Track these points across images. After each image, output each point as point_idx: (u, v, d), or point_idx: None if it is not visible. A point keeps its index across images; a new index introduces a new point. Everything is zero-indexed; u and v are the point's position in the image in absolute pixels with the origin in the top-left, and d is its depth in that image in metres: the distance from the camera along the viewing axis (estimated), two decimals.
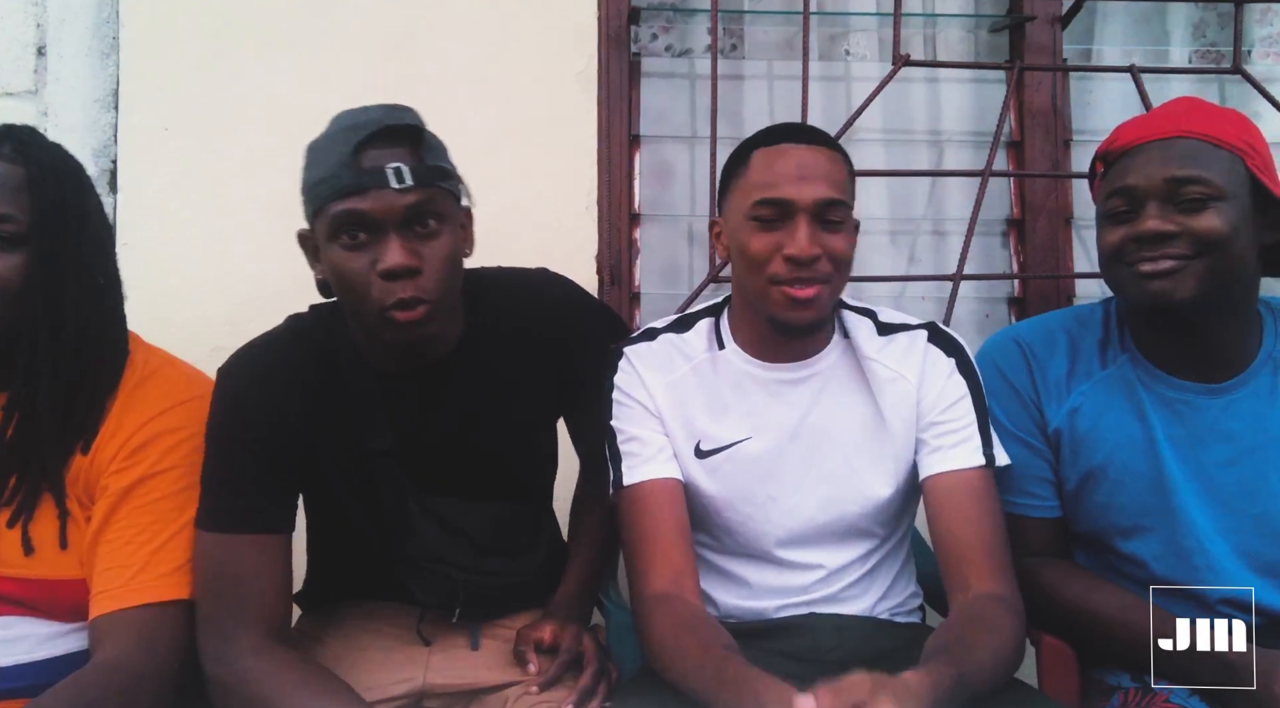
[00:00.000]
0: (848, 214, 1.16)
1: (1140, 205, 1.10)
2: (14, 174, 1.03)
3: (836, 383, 1.22)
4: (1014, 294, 2.02)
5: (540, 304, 1.25)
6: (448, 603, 1.21)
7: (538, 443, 1.30)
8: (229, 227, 1.82)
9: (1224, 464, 1.15)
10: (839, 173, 1.15)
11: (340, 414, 1.12)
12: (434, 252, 1.05)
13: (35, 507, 1.05)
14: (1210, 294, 1.08)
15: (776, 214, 1.13)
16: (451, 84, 1.84)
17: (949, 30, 2.08)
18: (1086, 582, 1.20)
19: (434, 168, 1.06)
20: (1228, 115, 1.13)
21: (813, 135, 1.18)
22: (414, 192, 1.03)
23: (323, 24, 1.84)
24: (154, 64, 1.83)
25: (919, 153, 2.05)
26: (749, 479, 1.21)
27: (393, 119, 1.05)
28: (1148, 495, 1.17)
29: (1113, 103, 2.05)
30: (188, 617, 1.04)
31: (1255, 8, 2.05)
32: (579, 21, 1.88)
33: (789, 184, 1.12)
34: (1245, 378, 1.16)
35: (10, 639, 1.05)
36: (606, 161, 1.89)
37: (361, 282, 1.03)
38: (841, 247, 1.14)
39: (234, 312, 1.79)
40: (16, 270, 1.01)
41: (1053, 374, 1.23)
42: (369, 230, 1.03)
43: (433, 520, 1.17)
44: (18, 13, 1.86)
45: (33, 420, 1.04)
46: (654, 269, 1.99)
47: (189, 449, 1.08)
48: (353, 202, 1.01)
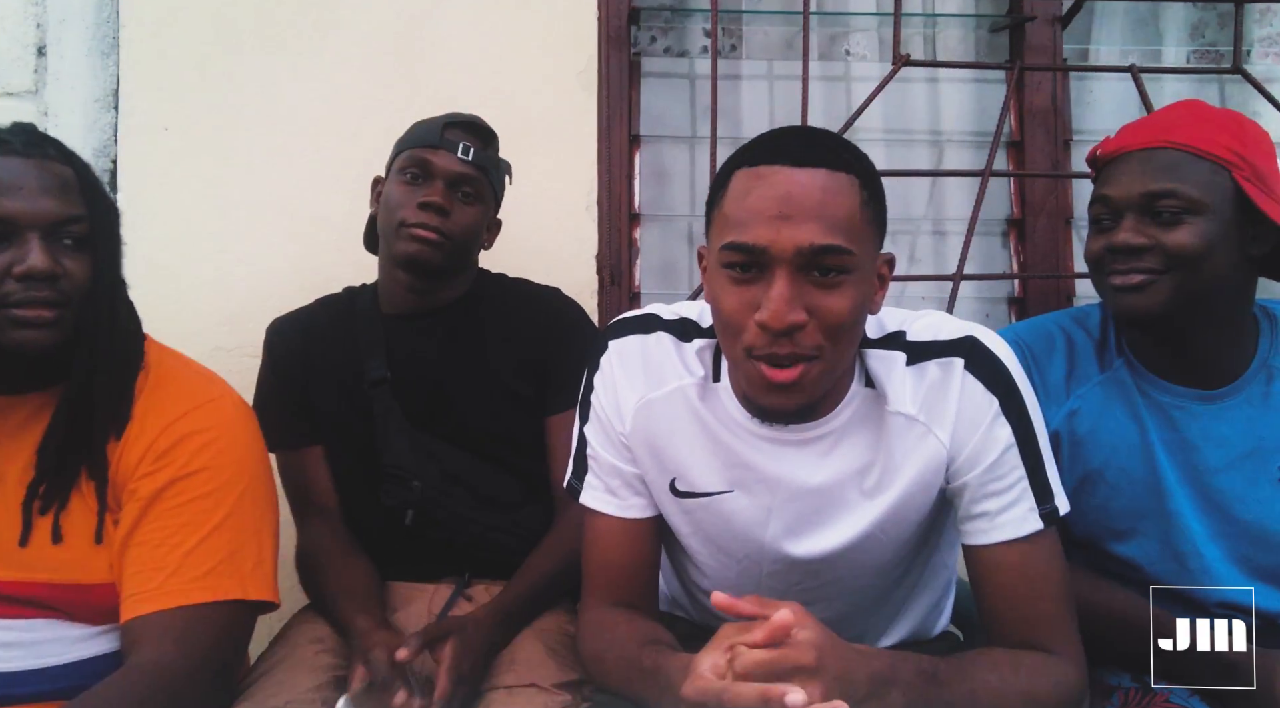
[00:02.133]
0: (855, 261, 0.87)
1: (1119, 216, 1.11)
2: (69, 175, 1.03)
3: (849, 442, 0.99)
4: (1014, 294, 2.02)
5: (540, 301, 1.48)
6: (402, 507, 1.36)
7: (514, 416, 1.40)
8: (229, 227, 1.81)
9: (1217, 470, 1.15)
10: (842, 205, 0.86)
11: (349, 350, 1.41)
12: (463, 215, 1.38)
13: (69, 498, 1.04)
14: (1182, 308, 1.09)
15: (750, 262, 0.87)
16: (452, 84, 1.84)
17: (949, 30, 2.08)
18: (1088, 581, 1.19)
19: (490, 160, 1.42)
20: (1221, 123, 1.11)
21: (810, 152, 0.89)
22: (468, 166, 1.37)
23: (323, 24, 1.84)
24: (154, 64, 1.82)
25: (919, 153, 2.05)
26: (727, 534, 1.05)
27: (478, 120, 1.44)
28: (1143, 500, 1.17)
29: (1113, 103, 2.04)
30: (224, 618, 1.04)
31: (1254, 8, 2.05)
32: (579, 21, 1.88)
33: (764, 225, 0.85)
34: (1239, 385, 1.16)
35: (40, 642, 1.04)
36: (606, 161, 1.89)
37: (406, 204, 1.35)
38: (840, 309, 0.86)
39: (234, 312, 1.79)
40: (86, 270, 1.03)
41: (1052, 376, 1.23)
42: (426, 176, 1.36)
43: (418, 450, 1.37)
44: (18, 13, 1.86)
45: (89, 416, 1.04)
46: (653, 269, 1.99)
47: (216, 450, 1.08)
48: (428, 153, 1.36)
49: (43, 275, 0.98)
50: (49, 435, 1.04)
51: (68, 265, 1.01)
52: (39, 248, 0.98)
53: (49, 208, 0.99)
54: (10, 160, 1.00)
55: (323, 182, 1.81)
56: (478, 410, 1.39)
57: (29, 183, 0.99)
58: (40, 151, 1.02)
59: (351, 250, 1.57)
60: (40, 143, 1.03)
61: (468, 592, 1.36)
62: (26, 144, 1.01)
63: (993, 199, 1.95)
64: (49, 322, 0.99)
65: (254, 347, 1.48)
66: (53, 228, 1.00)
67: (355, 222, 1.56)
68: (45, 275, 0.98)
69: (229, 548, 1.06)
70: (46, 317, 0.99)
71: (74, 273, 1.01)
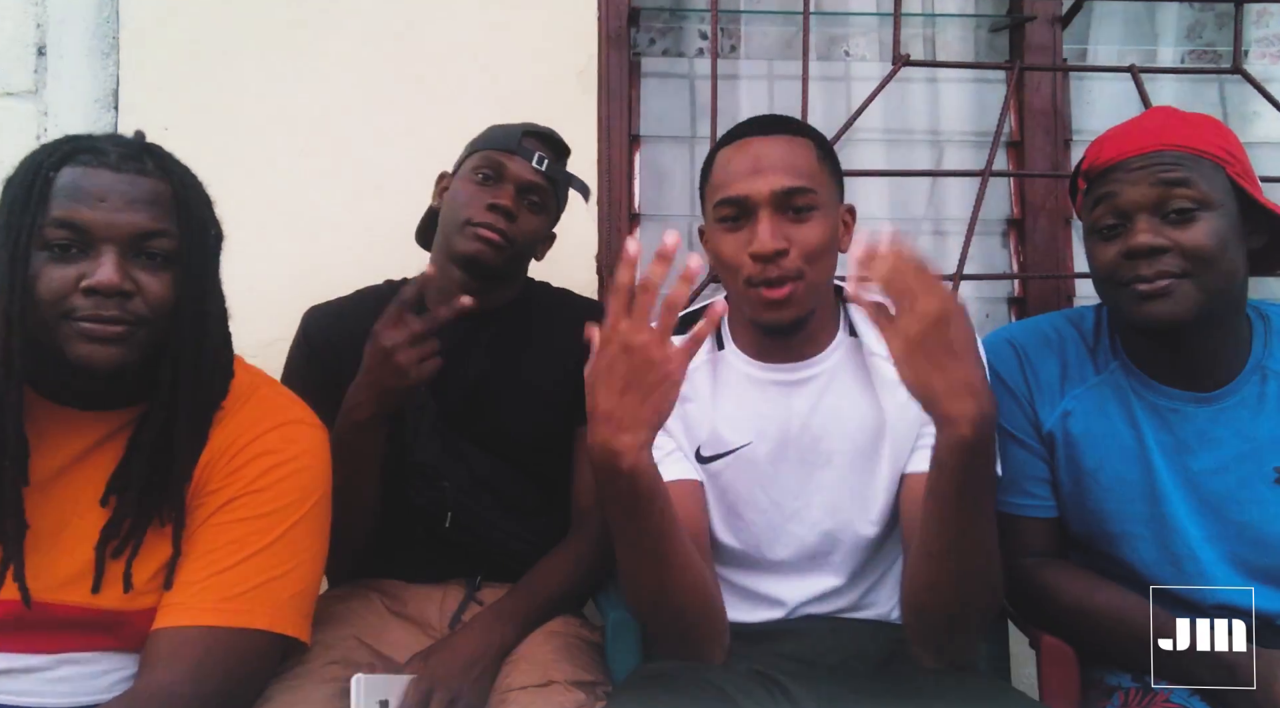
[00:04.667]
0: (819, 200, 1.10)
1: (1129, 219, 1.10)
2: (163, 190, 0.99)
3: (840, 384, 1.17)
4: (1014, 294, 2.02)
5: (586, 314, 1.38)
6: (438, 511, 1.34)
7: (549, 426, 1.39)
8: (229, 227, 1.80)
9: (1212, 472, 1.15)
10: (801, 158, 1.10)
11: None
12: (527, 222, 1.39)
13: (143, 539, 1.00)
14: (1206, 311, 1.08)
15: (738, 212, 1.10)
16: (451, 83, 1.84)
17: (949, 30, 2.08)
18: (1088, 581, 1.20)
19: (560, 173, 1.44)
20: (1204, 124, 1.13)
21: (773, 124, 1.14)
22: (540, 175, 1.39)
23: (323, 24, 1.84)
24: (154, 64, 1.82)
25: (919, 153, 2.05)
26: (750, 485, 1.17)
27: (556, 135, 1.45)
28: (1138, 502, 1.17)
29: (1112, 103, 2.04)
30: (247, 647, 0.99)
31: (1252, 9, 2.05)
32: (579, 22, 1.88)
33: (743, 180, 1.09)
34: (1234, 387, 1.16)
35: (99, 674, 1.02)
36: (606, 161, 1.89)
37: (474, 203, 1.35)
38: (812, 237, 1.08)
39: (233, 312, 1.78)
40: (168, 288, 0.98)
41: (1045, 376, 1.23)
42: (498, 180, 1.37)
43: (450, 450, 1.35)
44: (18, 13, 1.86)
45: (168, 441, 1.00)
46: None
47: (284, 473, 1.04)
48: (504, 157, 1.38)
49: (110, 291, 0.93)
50: (125, 471, 1.00)
51: (144, 282, 0.96)
52: (111, 263, 0.94)
53: (130, 221, 0.95)
54: (99, 172, 0.96)
55: (322, 182, 1.81)
56: (515, 417, 1.38)
57: (113, 195, 0.95)
58: (135, 165, 0.98)
59: (352, 250, 1.57)
60: (138, 155, 0.99)
61: (478, 595, 1.35)
62: (122, 157, 0.98)
63: (992, 199, 1.95)
64: (117, 338, 0.95)
65: (254, 346, 1.47)
66: (132, 242, 0.96)
67: (355, 221, 1.57)
68: (113, 291, 0.94)
69: (268, 574, 1.01)
70: (114, 332, 0.94)
71: (152, 291, 0.97)
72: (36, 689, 1.00)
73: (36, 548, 0.99)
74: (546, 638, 1.26)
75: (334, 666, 1.17)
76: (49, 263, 0.94)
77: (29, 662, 1.00)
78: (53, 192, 0.95)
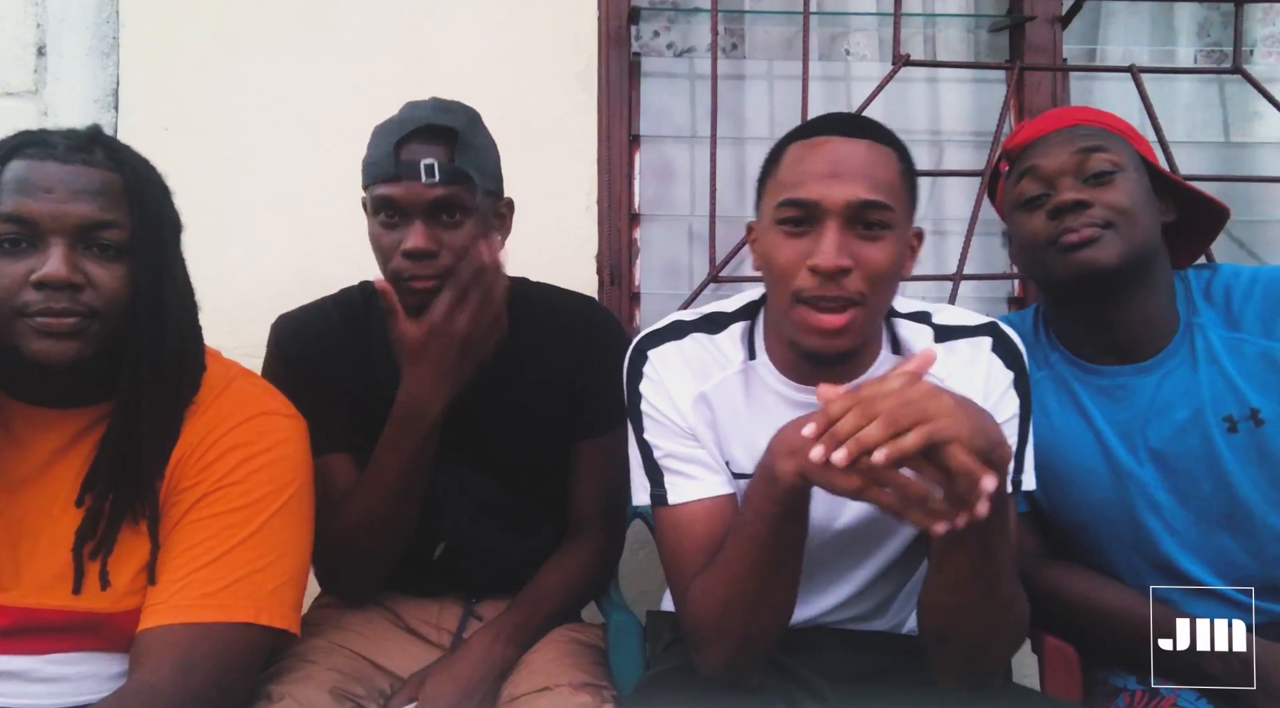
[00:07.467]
0: (894, 218, 0.98)
1: (1052, 185, 1.16)
2: (113, 181, 0.97)
3: None
4: (1014, 294, 2.02)
5: (572, 315, 1.35)
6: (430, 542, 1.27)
7: (544, 442, 1.32)
8: (228, 227, 1.81)
9: (1170, 438, 1.17)
10: (883, 169, 0.99)
11: (362, 358, 1.28)
12: (454, 239, 1.19)
13: (116, 538, 0.99)
14: (1131, 262, 1.13)
15: (803, 217, 0.98)
16: (451, 84, 1.83)
17: (949, 30, 2.08)
18: (1091, 580, 1.20)
19: (465, 162, 1.19)
20: (1111, 114, 1.25)
21: (857, 125, 1.03)
22: (440, 187, 1.17)
23: (323, 24, 1.84)
24: (154, 64, 1.82)
25: (919, 153, 2.02)
26: None
27: (436, 118, 1.21)
28: (1103, 490, 1.19)
29: (1113, 103, 2.04)
30: (233, 640, 0.98)
31: (1257, 7, 2.05)
32: (579, 21, 1.88)
33: (817, 182, 0.97)
34: (1171, 349, 1.18)
35: (83, 678, 1.00)
36: (606, 161, 1.89)
37: (390, 254, 1.19)
38: (880, 259, 0.97)
39: (233, 312, 1.78)
40: (121, 280, 0.96)
41: None
42: (400, 214, 1.18)
43: (443, 474, 1.26)
44: (18, 13, 1.86)
45: (134, 438, 0.99)
46: (654, 269, 1.99)
47: (258, 465, 1.03)
48: (388, 188, 1.18)
49: (58, 283, 0.92)
50: (96, 471, 0.99)
51: (95, 274, 0.95)
52: (59, 255, 0.92)
53: (77, 212, 0.94)
54: (45, 164, 0.95)
55: (323, 182, 1.81)
56: (506, 436, 1.30)
57: (59, 186, 0.94)
58: (83, 156, 0.96)
59: (352, 250, 1.56)
60: (86, 147, 0.98)
61: (477, 610, 1.33)
62: (70, 148, 0.96)
63: None
64: (71, 331, 0.93)
65: (254, 347, 1.47)
66: (81, 233, 0.94)
67: (355, 222, 1.56)
68: (62, 283, 0.92)
69: (249, 567, 0.99)
70: (67, 324, 0.93)
71: (103, 282, 0.95)
72: (26, 692, 0.99)
73: (16, 551, 0.99)
74: (546, 644, 1.25)
75: (333, 673, 1.16)
76: (0, 260, 0.94)
77: (17, 664, 0.99)
78: (1, 186, 0.94)
